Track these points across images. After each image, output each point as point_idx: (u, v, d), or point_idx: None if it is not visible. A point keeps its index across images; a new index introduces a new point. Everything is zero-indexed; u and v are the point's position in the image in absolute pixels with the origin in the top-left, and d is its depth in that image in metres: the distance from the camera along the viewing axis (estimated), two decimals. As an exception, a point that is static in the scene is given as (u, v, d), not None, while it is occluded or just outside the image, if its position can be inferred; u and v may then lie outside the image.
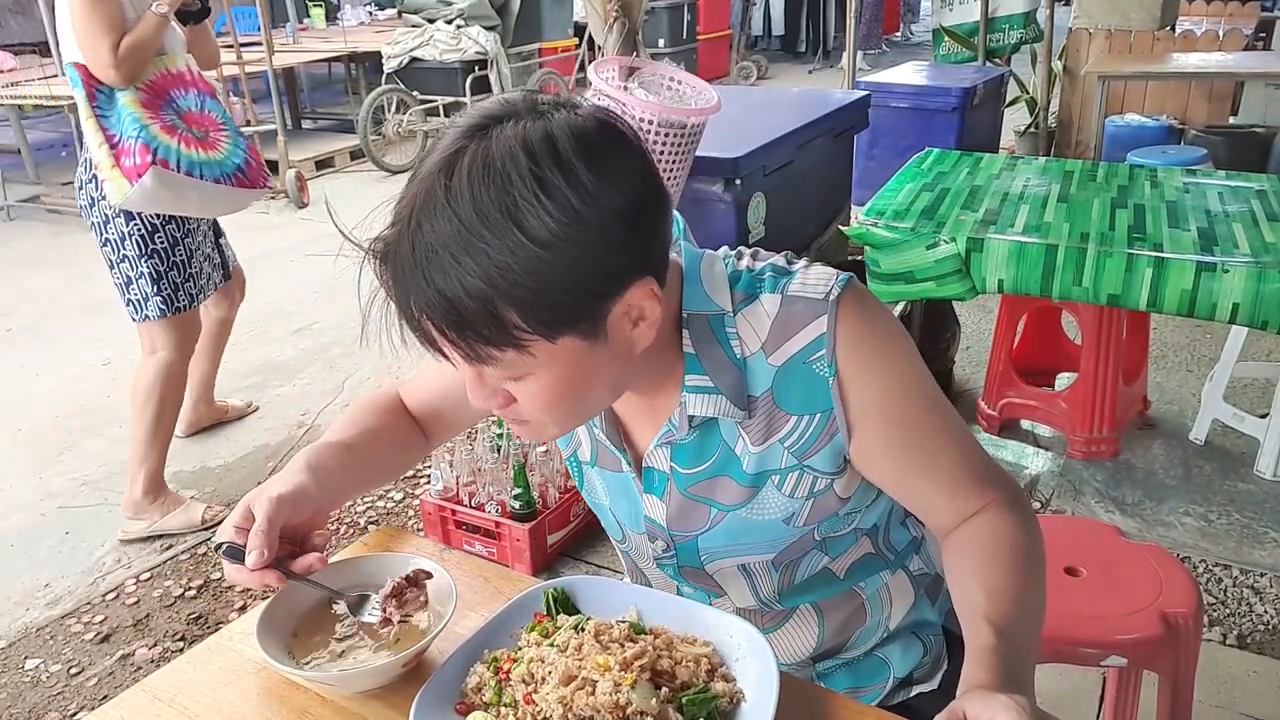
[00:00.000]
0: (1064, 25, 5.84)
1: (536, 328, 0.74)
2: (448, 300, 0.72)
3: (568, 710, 0.83)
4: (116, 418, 3.49)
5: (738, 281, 0.90)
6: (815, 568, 1.03)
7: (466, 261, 0.71)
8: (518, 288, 0.71)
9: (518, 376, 0.79)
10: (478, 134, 0.73)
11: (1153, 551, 1.61)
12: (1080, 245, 2.26)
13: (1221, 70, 4.75)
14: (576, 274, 0.73)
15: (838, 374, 0.87)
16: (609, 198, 0.73)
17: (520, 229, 0.70)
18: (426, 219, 0.72)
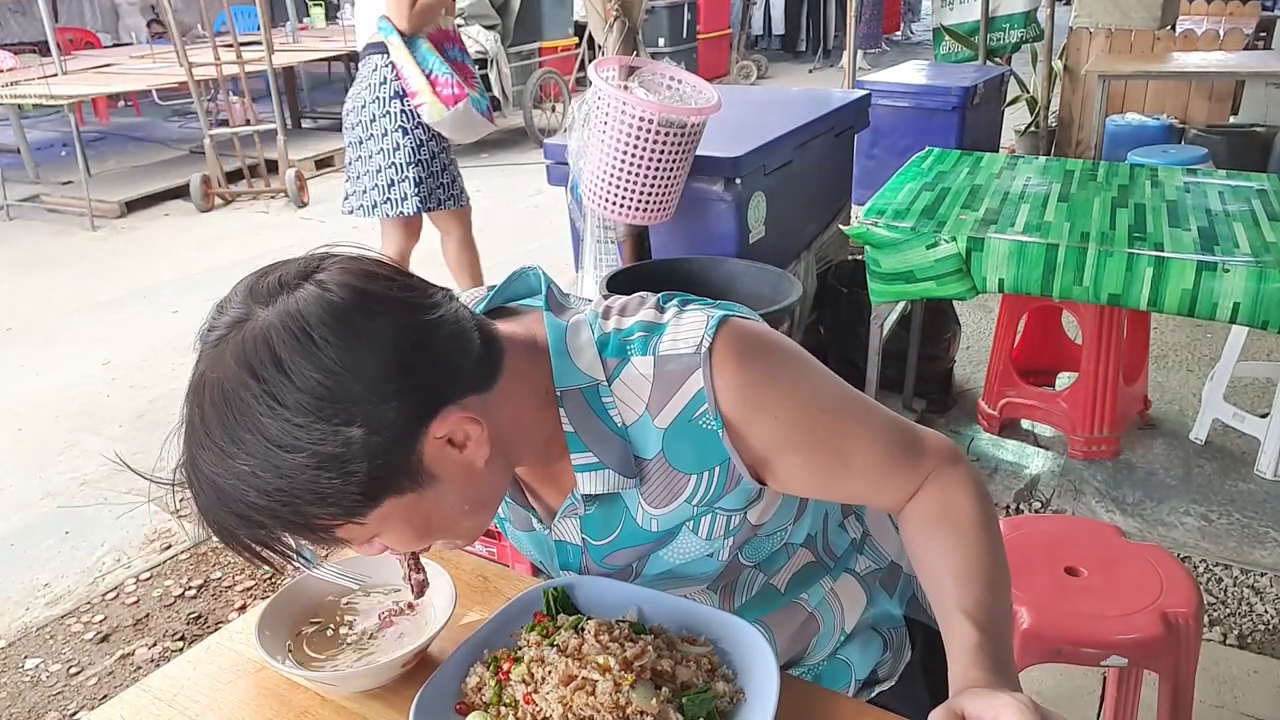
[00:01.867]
0: (1064, 24, 5.84)
1: (347, 516, 0.74)
2: (250, 524, 0.72)
3: (568, 710, 0.83)
4: (116, 418, 3.50)
5: (606, 346, 0.87)
6: (754, 586, 1.02)
7: (244, 488, 0.71)
8: (303, 495, 0.71)
9: (367, 538, 0.79)
10: (214, 350, 0.72)
11: (1153, 551, 1.61)
12: (1081, 245, 2.26)
13: (1222, 70, 4.75)
14: (353, 456, 0.71)
15: (725, 424, 0.85)
16: (355, 369, 0.71)
17: (278, 446, 0.70)
18: (196, 453, 0.73)
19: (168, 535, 2.78)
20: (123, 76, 6.84)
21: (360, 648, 0.98)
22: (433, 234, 3.66)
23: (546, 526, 0.97)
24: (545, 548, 1.01)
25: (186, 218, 6.03)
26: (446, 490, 0.79)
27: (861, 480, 0.91)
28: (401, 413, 0.73)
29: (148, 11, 10.64)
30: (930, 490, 0.91)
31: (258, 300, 0.73)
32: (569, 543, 0.97)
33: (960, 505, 0.89)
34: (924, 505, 0.90)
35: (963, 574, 0.84)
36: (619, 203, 2.46)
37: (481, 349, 0.80)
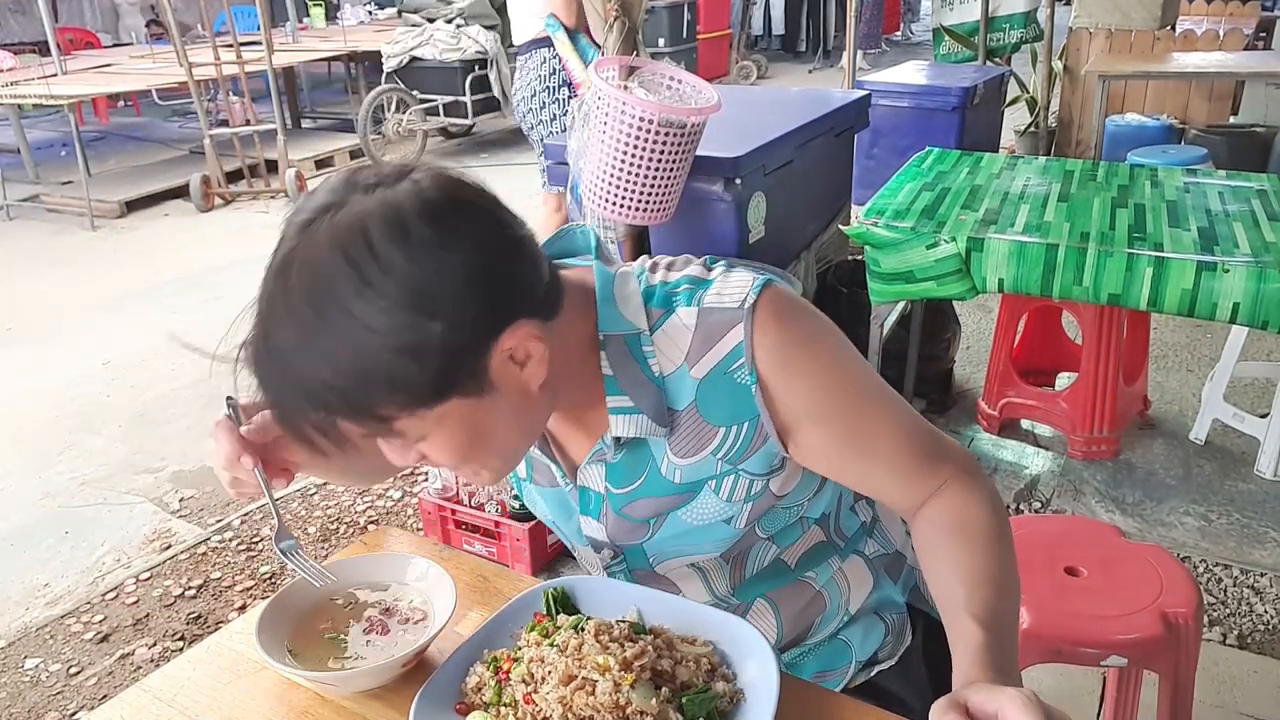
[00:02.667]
0: (1064, 25, 5.83)
1: (411, 407, 0.75)
2: (316, 404, 0.73)
3: (568, 710, 0.83)
4: (116, 417, 3.49)
5: (652, 297, 0.90)
6: (765, 559, 1.03)
7: (320, 365, 0.72)
8: (377, 378, 0.72)
9: (415, 440, 0.80)
10: (304, 231, 0.73)
11: (1153, 551, 1.61)
12: (1080, 245, 2.26)
13: (1222, 70, 4.75)
14: (431, 348, 0.73)
15: (759, 381, 0.86)
16: (465, 257, 0.74)
17: (362, 327, 0.71)
18: (274, 328, 0.73)
19: (168, 535, 2.78)
20: (123, 76, 6.84)
21: (359, 648, 0.98)
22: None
23: (570, 482, 0.98)
24: (565, 506, 1.01)
25: (186, 218, 6.03)
26: (502, 406, 0.80)
27: (880, 470, 0.91)
28: (480, 315, 0.75)
29: (148, 12, 10.64)
30: (947, 498, 0.91)
31: (354, 189, 0.74)
32: (592, 490, 0.97)
33: (976, 516, 0.89)
34: (939, 512, 0.90)
35: (973, 579, 0.83)
36: (619, 203, 2.46)
37: (550, 279, 0.84)
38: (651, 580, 1.04)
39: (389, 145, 6.93)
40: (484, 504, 2.49)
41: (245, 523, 2.81)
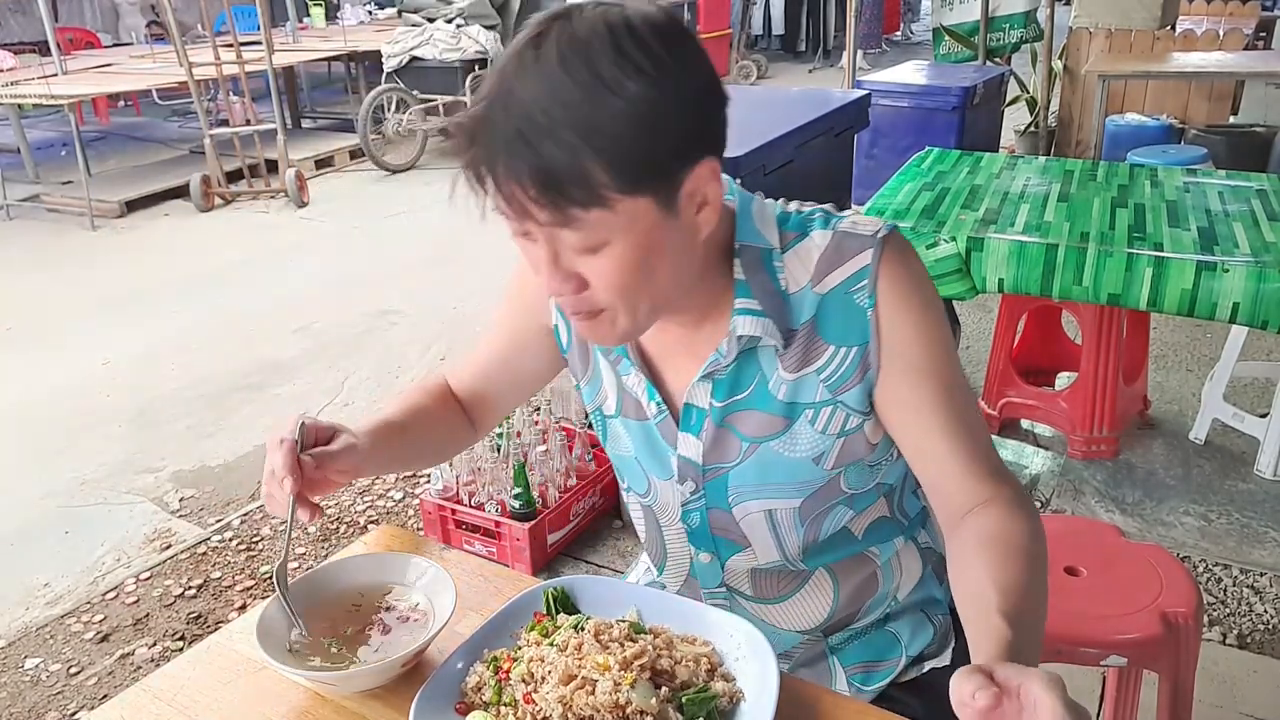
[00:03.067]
0: (1064, 24, 5.84)
1: (621, 184, 0.77)
2: (540, 158, 0.75)
3: (568, 710, 0.83)
4: (116, 417, 3.50)
5: (787, 221, 0.95)
6: (838, 524, 1.03)
7: (559, 116, 0.75)
8: (605, 141, 0.76)
9: (595, 246, 0.81)
10: (560, 18, 0.79)
11: (1152, 551, 1.61)
12: (1080, 245, 2.26)
13: (1221, 70, 4.75)
14: (658, 134, 0.78)
15: (876, 306, 0.90)
16: (683, 75, 0.79)
17: (607, 88, 0.76)
18: (518, 85, 0.77)
19: (168, 535, 2.79)
20: (123, 76, 6.83)
21: (359, 647, 0.98)
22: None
23: (664, 410, 1.00)
24: (651, 438, 1.03)
25: (187, 217, 6.03)
26: (674, 240, 0.84)
27: (947, 452, 0.92)
28: (696, 129, 0.81)
29: (148, 12, 10.63)
30: (994, 511, 0.90)
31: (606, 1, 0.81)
32: (696, 406, 0.98)
33: (1020, 539, 0.88)
34: (985, 522, 0.89)
35: (1007, 587, 0.83)
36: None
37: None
38: (725, 529, 1.03)
39: (389, 145, 6.93)
40: (484, 504, 2.49)
41: (245, 522, 2.81)
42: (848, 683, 1.09)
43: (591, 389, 1.08)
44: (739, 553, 1.04)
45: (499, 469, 2.49)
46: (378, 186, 6.66)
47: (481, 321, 4.21)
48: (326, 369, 3.83)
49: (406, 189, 6.54)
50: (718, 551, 1.05)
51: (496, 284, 3.85)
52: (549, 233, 0.81)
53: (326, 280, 4.83)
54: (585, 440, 2.67)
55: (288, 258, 5.23)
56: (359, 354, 3.95)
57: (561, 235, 0.80)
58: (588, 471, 2.64)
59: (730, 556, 1.05)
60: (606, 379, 1.05)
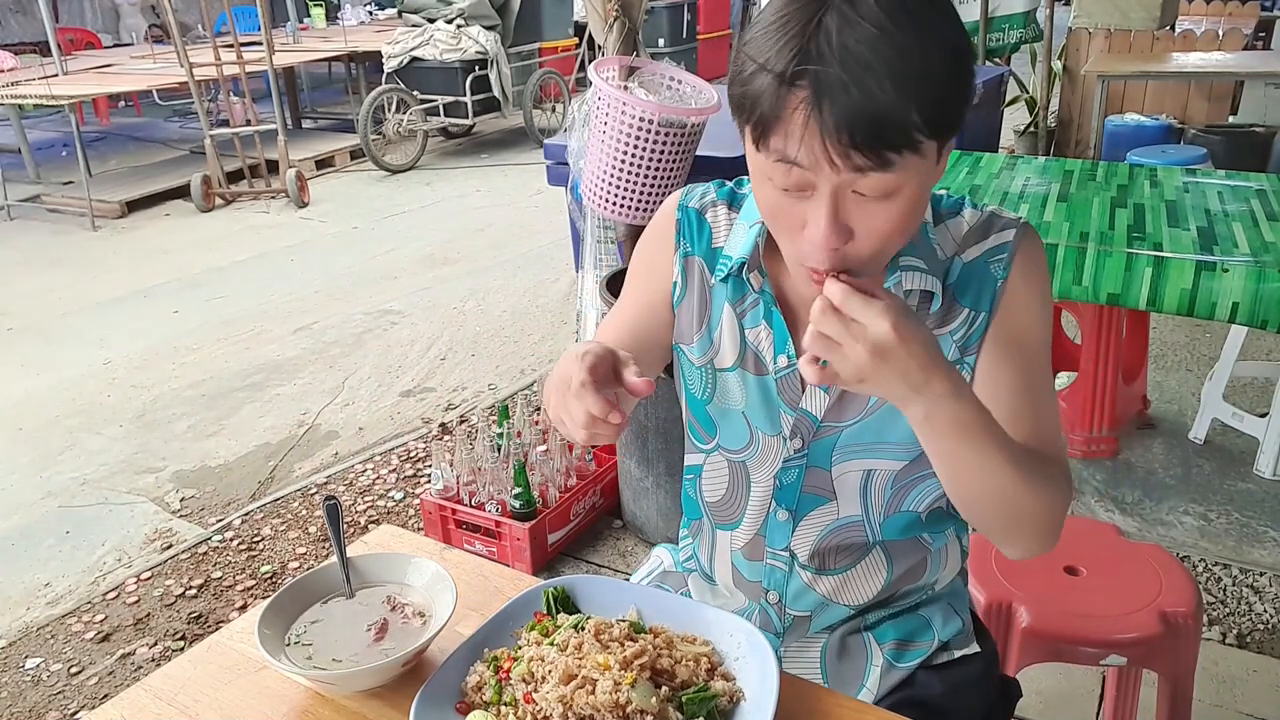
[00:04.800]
0: (1064, 25, 5.84)
1: (932, 126, 0.80)
2: (873, 102, 0.78)
3: (568, 709, 0.83)
4: (116, 417, 3.50)
5: (939, 203, 1.01)
6: (922, 502, 1.05)
7: (892, 60, 0.78)
8: (927, 83, 0.79)
9: (891, 192, 0.83)
10: None
11: (1152, 551, 1.61)
12: (1080, 244, 2.26)
13: (1221, 70, 4.75)
14: (962, 78, 0.82)
15: (1008, 279, 0.96)
16: (960, 25, 0.84)
17: (925, 32, 0.80)
18: (846, 33, 0.78)
19: (168, 535, 2.79)
20: (123, 77, 6.84)
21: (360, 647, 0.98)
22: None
23: (792, 364, 1.02)
24: (767, 392, 1.04)
25: (187, 218, 6.04)
26: (929, 188, 0.87)
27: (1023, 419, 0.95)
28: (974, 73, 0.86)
29: (148, 13, 10.64)
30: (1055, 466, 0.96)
31: None
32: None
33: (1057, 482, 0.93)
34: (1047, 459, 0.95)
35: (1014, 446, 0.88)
36: (619, 203, 2.46)
37: None
38: (817, 487, 1.05)
39: (389, 145, 6.93)
40: (484, 503, 2.49)
41: (246, 522, 2.81)
42: (883, 657, 1.10)
43: (702, 345, 1.08)
44: (820, 506, 1.06)
45: (499, 469, 2.49)
46: (378, 187, 6.66)
47: (482, 321, 4.21)
48: (327, 369, 3.83)
49: (407, 189, 6.54)
50: (797, 509, 1.06)
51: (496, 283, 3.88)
52: (842, 182, 0.82)
53: (327, 280, 4.84)
54: (585, 440, 2.67)
55: (288, 258, 5.23)
56: (359, 354, 3.95)
57: (860, 182, 0.82)
58: (588, 471, 2.65)
59: (809, 512, 1.06)
60: (727, 331, 1.06)
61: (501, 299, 4.44)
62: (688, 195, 1.09)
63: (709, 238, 1.06)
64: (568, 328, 4.01)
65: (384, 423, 3.37)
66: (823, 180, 0.82)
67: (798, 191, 0.84)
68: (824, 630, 1.11)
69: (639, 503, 2.58)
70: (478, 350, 3.93)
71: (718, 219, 1.07)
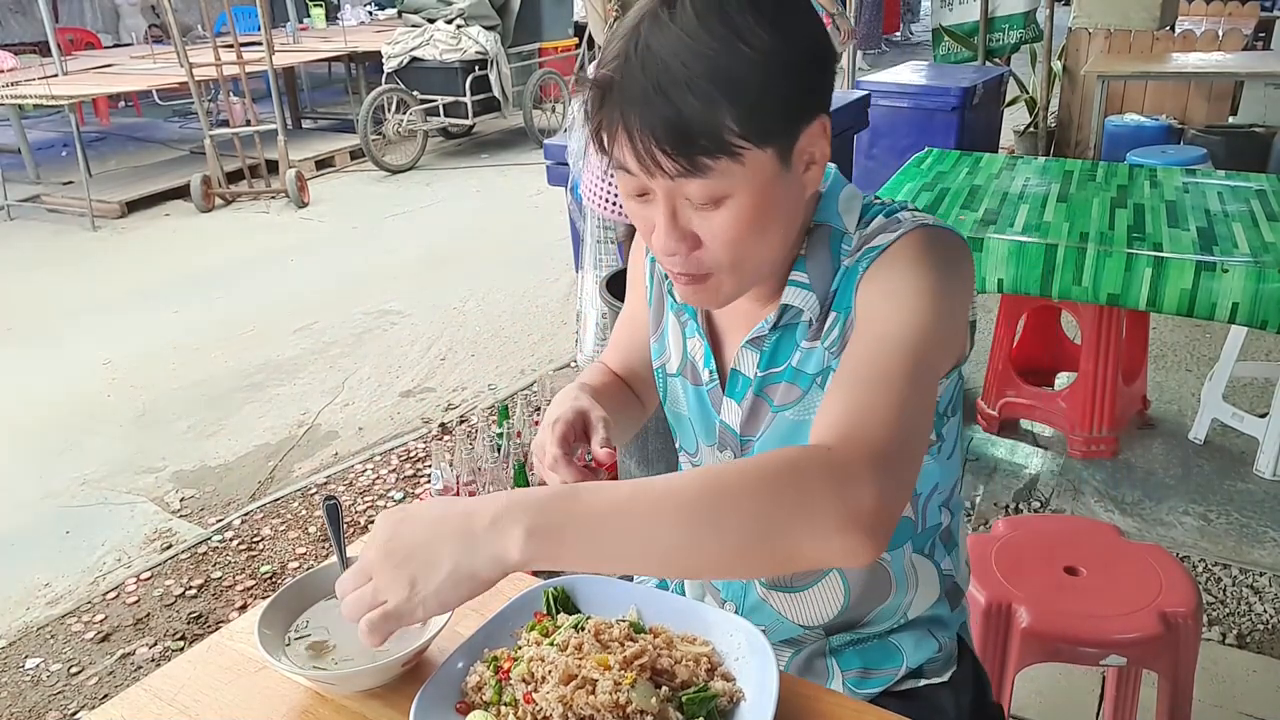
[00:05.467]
0: (1064, 25, 5.84)
1: (749, 133, 0.80)
2: (676, 109, 0.78)
3: (568, 709, 0.83)
4: (117, 417, 3.50)
5: (868, 210, 0.97)
6: None
7: (695, 67, 0.78)
8: (739, 90, 0.79)
9: (718, 198, 0.83)
10: None
11: (1152, 551, 1.61)
12: (1080, 245, 2.26)
13: (1221, 70, 4.75)
14: (786, 85, 0.81)
15: (866, 271, 0.90)
16: (804, 29, 0.83)
17: (740, 39, 0.79)
18: (655, 41, 0.79)
19: (168, 535, 2.79)
20: (123, 77, 6.84)
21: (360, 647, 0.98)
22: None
23: (714, 379, 1.04)
24: (703, 402, 1.07)
25: (187, 218, 6.04)
26: (786, 195, 0.87)
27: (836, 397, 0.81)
28: (815, 80, 0.85)
29: (148, 13, 10.63)
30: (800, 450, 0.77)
31: None
32: (742, 373, 1.02)
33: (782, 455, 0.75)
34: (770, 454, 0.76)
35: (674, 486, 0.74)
36: (619, 203, 2.46)
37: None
38: None
39: (389, 145, 6.93)
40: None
41: (246, 522, 2.81)
42: (843, 684, 1.09)
43: (659, 346, 1.12)
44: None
45: (499, 469, 2.49)
46: (378, 187, 6.66)
47: (482, 321, 4.21)
48: (327, 369, 3.83)
49: (407, 189, 6.54)
50: None
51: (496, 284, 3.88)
52: (671, 188, 0.83)
53: (327, 280, 4.83)
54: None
55: (288, 258, 5.23)
56: (359, 354, 3.95)
57: (685, 188, 0.82)
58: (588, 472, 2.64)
59: None
60: (672, 338, 1.09)
61: (501, 299, 4.44)
62: None
63: None
64: (568, 328, 4.01)
65: (384, 423, 3.37)
66: (654, 185, 0.83)
67: (639, 198, 0.86)
68: (785, 645, 1.10)
69: (639, 503, 2.57)
70: (478, 350, 3.93)
71: None
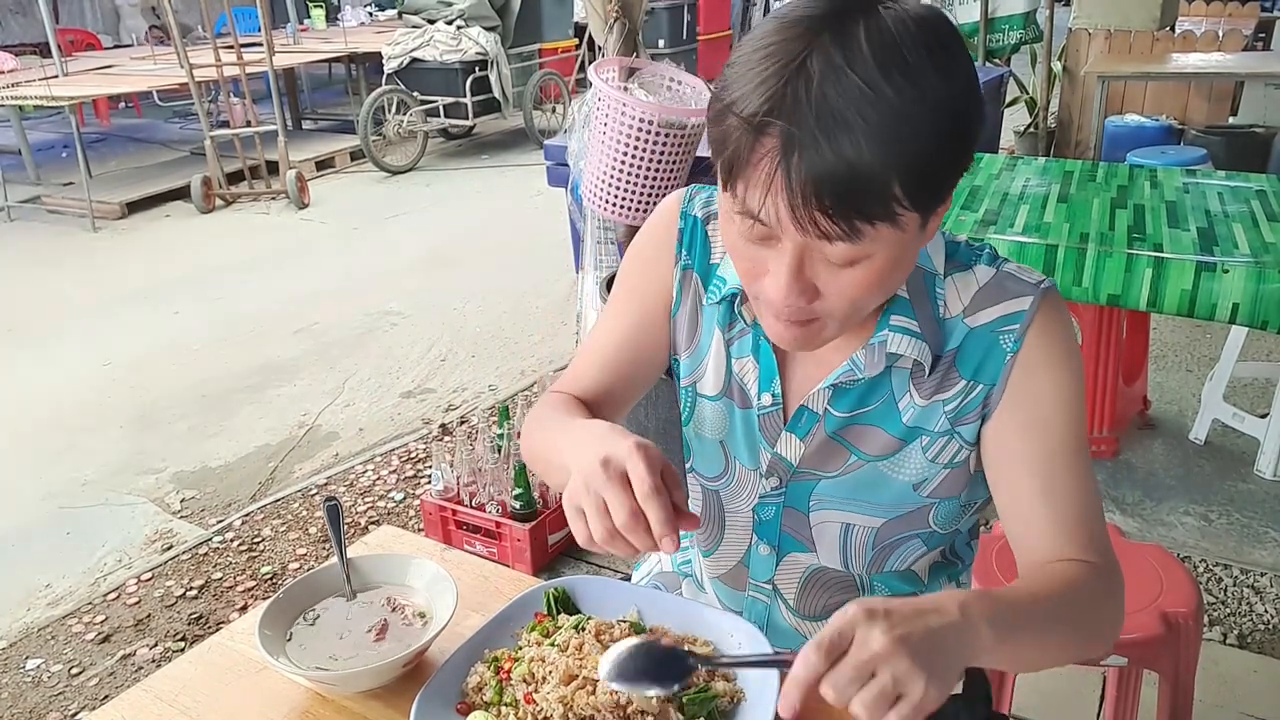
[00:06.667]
0: (1064, 25, 5.84)
1: (915, 199, 0.73)
2: (850, 170, 0.70)
3: (568, 709, 0.83)
4: (117, 418, 3.50)
5: (956, 251, 0.93)
6: (907, 560, 1.01)
7: (875, 125, 0.70)
8: (913, 154, 0.71)
9: (857, 260, 0.76)
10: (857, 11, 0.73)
11: (1153, 551, 1.61)
12: (1080, 245, 2.26)
13: (1221, 70, 4.75)
14: (954, 145, 0.74)
15: (1019, 354, 0.88)
16: (966, 72, 0.75)
17: (918, 89, 0.71)
18: (831, 87, 0.70)
19: (169, 536, 2.79)
20: (124, 78, 6.84)
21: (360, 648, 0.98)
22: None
23: (777, 404, 0.97)
24: (749, 425, 1.00)
25: (187, 219, 6.04)
26: (913, 251, 0.82)
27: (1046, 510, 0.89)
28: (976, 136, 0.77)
29: (149, 14, 10.64)
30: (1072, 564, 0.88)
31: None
32: (810, 409, 0.96)
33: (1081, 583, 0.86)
34: (1053, 565, 0.88)
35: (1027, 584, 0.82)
36: (619, 203, 2.46)
37: None
38: (795, 530, 1.01)
39: (390, 146, 6.93)
40: (485, 504, 2.49)
41: (246, 523, 2.81)
42: None
43: (689, 365, 1.04)
44: (802, 552, 1.03)
45: (500, 469, 2.49)
46: (378, 188, 6.66)
47: (482, 322, 4.21)
48: (327, 370, 3.83)
49: (407, 190, 6.55)
50: (779, 546, 1.03)
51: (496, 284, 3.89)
52: (808, 243, 0.75)
53: (327, 281, 4.84)
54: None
55: (288, 259, 5.23)
56: (359, 354, 3.95)
57: (825, 247, 0.75)
58: (588, 472, 2.64)
59: (791, 552, 1.03)
60: (713, 357, 1.01)
61: (501, 300, 4.44)
62: (690, 201, 1.03)
63: (708, 253, 1.01)
64: (568, 328, 4.01)
65: (384, 423, 3.37)
66: (787, 237, 0.76)
67: (760, 240, 0.78)
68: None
69: (639, 503, 2.57)
70: (478, 351, 3.93)
71: (716, 233, 1.01)
